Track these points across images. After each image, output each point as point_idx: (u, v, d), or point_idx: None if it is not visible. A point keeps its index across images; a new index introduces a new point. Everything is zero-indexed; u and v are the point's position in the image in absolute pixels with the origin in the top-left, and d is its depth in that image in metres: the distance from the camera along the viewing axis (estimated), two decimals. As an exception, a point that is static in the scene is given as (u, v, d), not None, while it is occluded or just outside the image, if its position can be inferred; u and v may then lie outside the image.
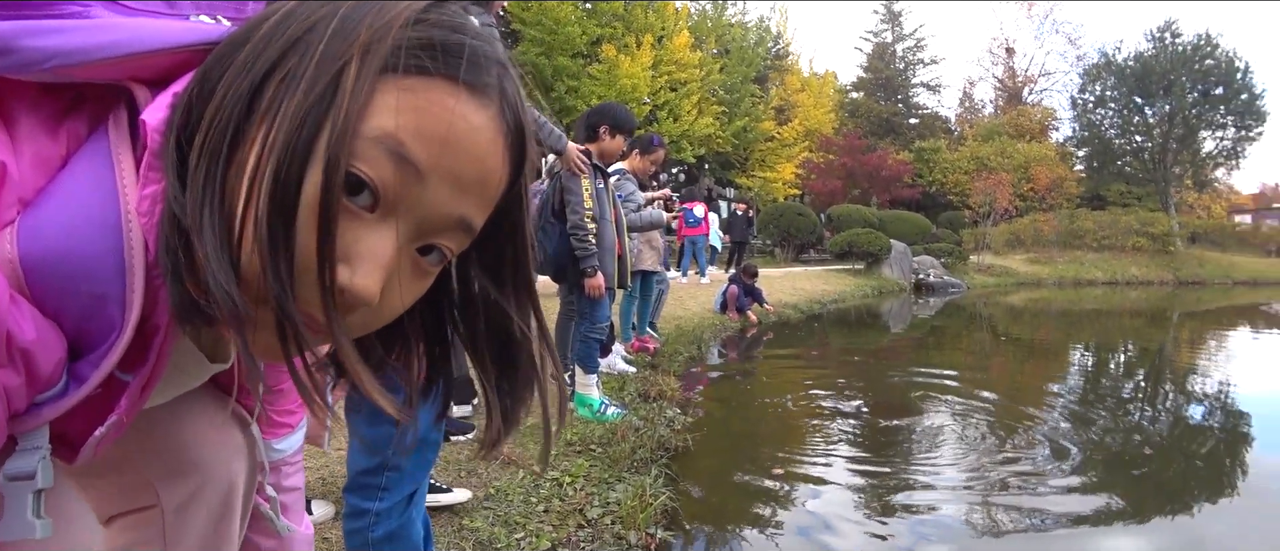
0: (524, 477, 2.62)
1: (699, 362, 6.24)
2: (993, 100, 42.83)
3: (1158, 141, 30.14)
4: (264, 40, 0.46)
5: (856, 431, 4.06)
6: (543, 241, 3.56)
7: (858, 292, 14.46)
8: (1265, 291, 19.37)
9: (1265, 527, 2.83)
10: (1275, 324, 11.19)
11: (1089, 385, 6.11)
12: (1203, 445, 4.12)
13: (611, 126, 3.74)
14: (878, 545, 2.54)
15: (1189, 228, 28.76)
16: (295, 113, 0.43)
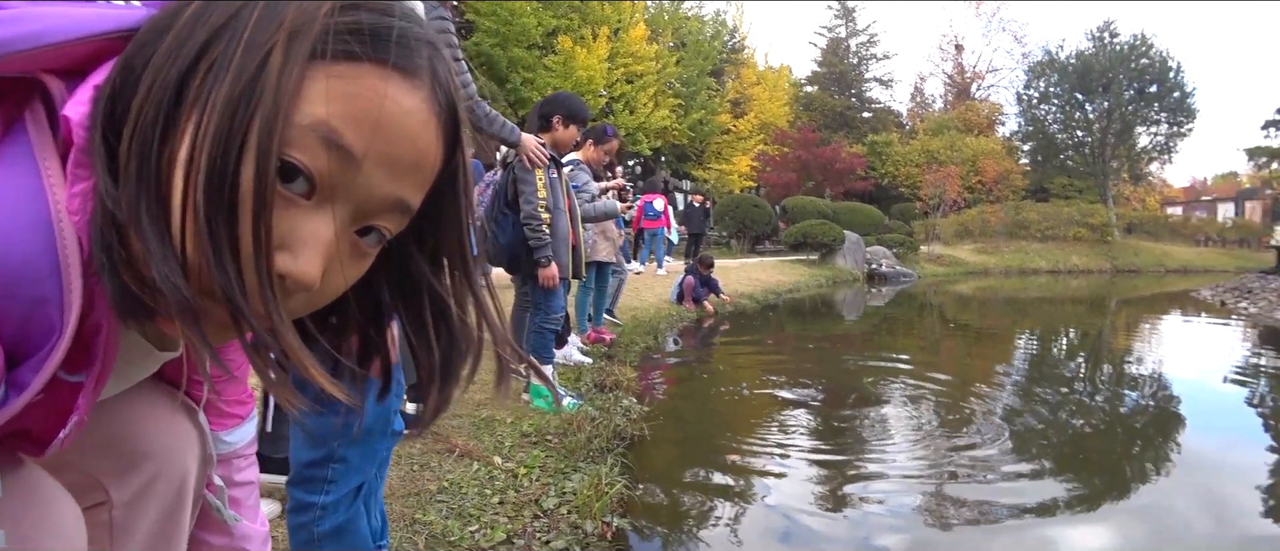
0: (478, 470, 2.58)
1: (656, 353, 6.24)
2: (943, 95, 43.79)
3: (1097, 136, 31.26)
4: (189, 26, 0.45)
5: (812, 419, 4.11)
6: (496, 232, 3.52)
7: (812, 283, 14.66)
8: (1194, 279, 20.27)
9: (1198, 498, 2.96)
10: (1203, 309, 11.70)
11: (1034, 369, 6.30)
12: (1139, 424, 4.28)
13: (565, 116, 3.71)
14: (833, 531, 2.57)
15: (1125, 219, 29.91)
16: (226, 102, 0.42)
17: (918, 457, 3.34)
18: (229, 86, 0.42)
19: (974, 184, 30.69)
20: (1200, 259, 26.48)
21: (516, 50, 18.82)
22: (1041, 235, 26.52)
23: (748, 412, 4.34)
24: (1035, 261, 24.57)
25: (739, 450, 3.46)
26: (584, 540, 2.12)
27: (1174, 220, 32.05)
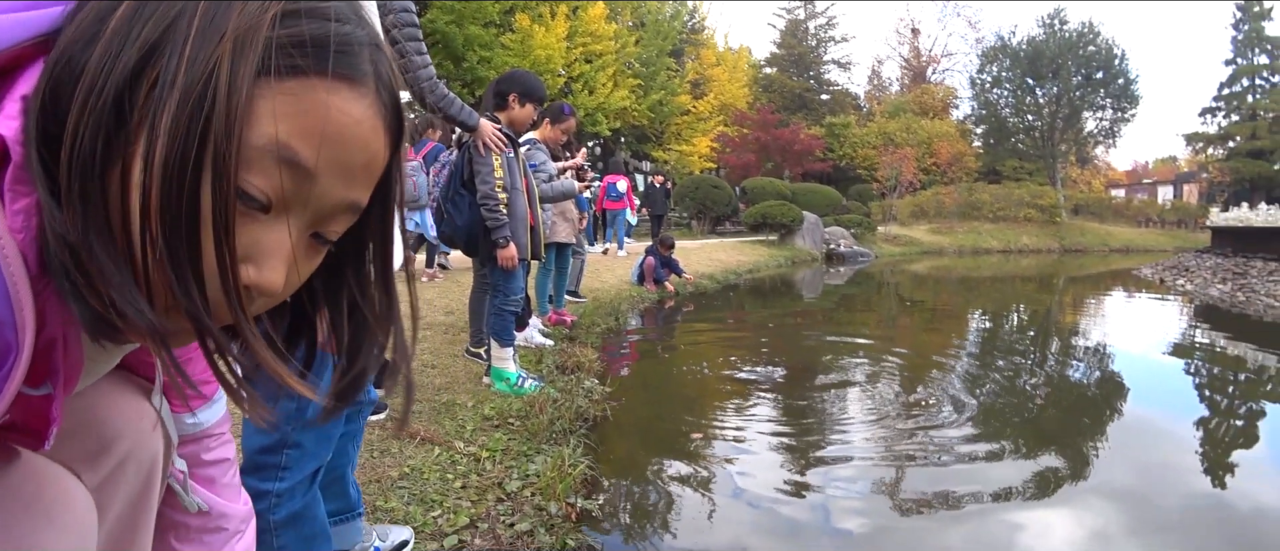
0: (440, 454, 2.54)
1: (617, 334, 6.23)
2: (899, 78, 44.35)
3: (1046, 120, 32.08)
4: (118, 39, 0.43)
5: (772, 398, 4.14)
6: (453, 212, 3.45)
7: (772, 263, 14.80)
8: (1136, 257, 21.02)
9: (1142, 467, 3.07)
10: (1145, 287, 12.15)
11: (988, 346, 6.46)
12: (1086, 397, 4.42)
13: (521, 94, 3.62)
14: (794, 512, 2.60)
15: (1073, 200, 30.79)
16: (174, 127, 0.42)
17: (876, 437, 3.40)
18: (176, 109, 0.42)
19: (929, 166, 31.26)
20: (1141, 239, 27.45)
21: (473, 28, 18.43)
22: (993, 216, 27.18)
23: (709, 392, 4.36)
24: (987, 241, 25.19)
25: (701, 430, 3.48)
26: (548, 521, 2.10)
27: (1117, 202, 33.11)
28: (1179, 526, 2.54)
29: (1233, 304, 9.47)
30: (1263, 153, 30.11)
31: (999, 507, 2.60)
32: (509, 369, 3.57)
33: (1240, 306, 9.22)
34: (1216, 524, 2.57)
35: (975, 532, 2.41)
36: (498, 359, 3.58)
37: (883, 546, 2.31)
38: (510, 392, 3.43)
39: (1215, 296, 10.27)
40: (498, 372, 3.57)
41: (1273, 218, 13.36)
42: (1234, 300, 9.76)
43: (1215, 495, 2.84)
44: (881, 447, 3.22)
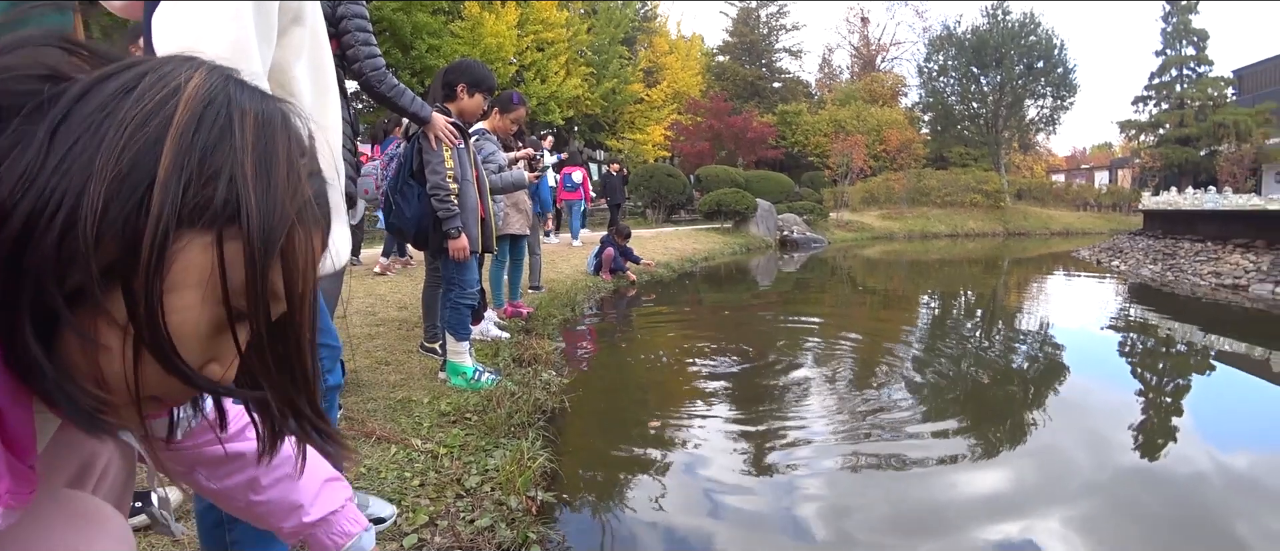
0: (396, 453, 2.51)
1: (574, 325, 6.22)
2: (849, 67, 45.05)
3: (991, 108, 32.89)
4: (21, 228, 0.45)
5: (730, 384, 4.19)
6: (401, 203, 3.38)
7: (727, 250, 14.92)
8: (1075, 240, 21.85)
9: (1081, 438, 3.22)
10: (1083, 267, 12.63)
11: (937, 327, 6.65)
12: (1029, 373, 4.59)
13: (470, 84, 3.55)
14: (753, 498, 2.65)
15: (1016, 186, 31.73)
16: (134, 312, 0.47)
17: (832, 421, 3.48)
18: (131, 305, 0.48)
19: (879, 152, 31.83)
20: (1080, 222, 28.49)
21: (421, 15, 18.02)
22: (941, 201, 27.88)
23: (668, 380, 4.39)
24: (936, 226, 25.83)
25: (660, 418, 3.51)
26: (509, 516, 2.09)
27: (1057, 187, 34.25)
28: (1111, 489, 2.68)
29: (1162, 283, 9.91)
30: (1190, 139, 31.46)
31: (950, 486, 2.69)
32: (465, 363, 3.54)
33: (1170, 285, 9.66)
34: (1146, 487, 2.72)
35: (928, 511, 2.49)
36: (453, 353, 3.54)
37: (840, 529, 2.36)
38: (467, 387, 3.39)
39: (1147, 276, 10.73)
40: (454, 367, 3.53)
41: (1198, 201, 14.00)
42: (1164, 279, 10.22)
43: (1143, 462, 3.03)
44: (837, 431, 3.29)
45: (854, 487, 2.68)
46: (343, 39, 2.75)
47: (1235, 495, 2.69)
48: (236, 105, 0.52)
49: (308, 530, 0.95)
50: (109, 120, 0.47)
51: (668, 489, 2.63)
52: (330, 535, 0.96)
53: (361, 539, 0.98)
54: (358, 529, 0.98)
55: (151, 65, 0.51)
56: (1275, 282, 8.52)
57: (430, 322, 4.19)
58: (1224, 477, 2.86)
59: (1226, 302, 7.97)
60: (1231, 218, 11.52)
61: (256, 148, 0.52)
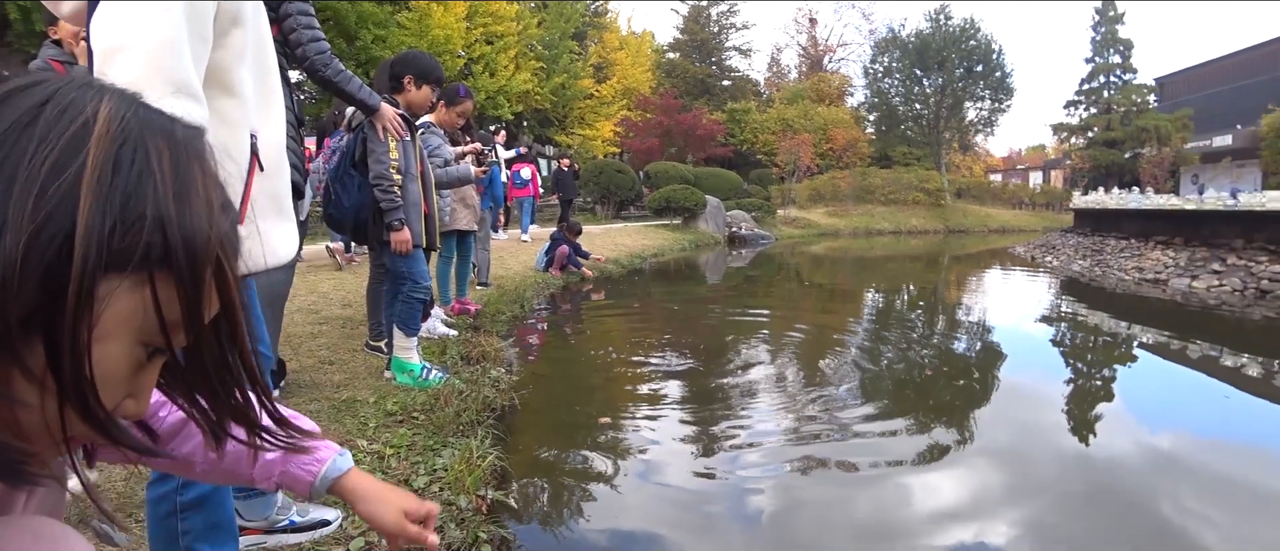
0: (340, 452, 2.45)
1: (523, 322, 6.17)
2: (797, 66, 45.65)
3: (933, 109, 33.90)
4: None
5: (680, 380, 4.22)
6: (340, 193, 3.28)
7: (676, 246, 15.00)
8: (1012, 237, 22.67)
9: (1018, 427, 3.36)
10: (1020, 264, 13.11)
11: (881, 322, 6.81)
12: (969, 365, 4.75)
13: (417, 76, 3.46)
14: (703, 495, 2.67)
15: (956, 185, 32.78)
16: (58, 363, 0.45)
17: (780, 416, 3.53)
18: (60, 359, 0.45)
19: (825, 151, 32.43)
20: (1016, 220, 29.57)
21: (366, 4, 17.56)
22: (885, 199, 28.60)
23: (618, 377, 4.39)
24: (880, 223, 26.48)
25: (611, 415, 3.51)
26: (459, 516, 2.07)
27: (995, 186, 35.49)
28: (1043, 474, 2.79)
29: (1091, 278, 10.36)
30: (1116, 142, 32.98)
31: (896, 477, 2.76)
32: (412, 360, 3.47)
33: (1098, 280, 10.10)
34: (1077, 472, 2.85)
35: (875, 504, 2.55)
36: (401, 349, 3.47)
37: (788, 524, 2.41)
38: (414, 385, 3.33)
39: (1077, 271, 11.21)
40: (400, 364, 3.45)
41: (1123, 201, 14.67)
42: (1092, 274, 10.68)
43: (1075, 446, 3.20)
44: (784, 425, 3.35)
45: (798, 481, 2.73)
46: (284, 24, 2.66)
47: (1157, 474, 2.84)
48: (150, 139, 0.50)
49: (279, 468, 0.93)
50: (14, 164, 0.44)
51: (619, 487, 2.64)
52: (303, 466, 0.93)
53: (335, 461, 0.95)
54: (330, 453, 0.95)
55: (48, 93, 0.48)
56: (1192, 277, 9.00)
57: (375, 320, 4.10)
58: (1147, 458, 3.02)
59: (1149, 296, 8.38)
60: (1153, 217, 12.11)
61: (176, 183, 0.50)
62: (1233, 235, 9.69)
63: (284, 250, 1.56)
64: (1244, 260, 8.94)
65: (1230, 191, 12.31)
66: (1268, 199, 10.09)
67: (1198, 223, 10.64)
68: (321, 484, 0.95)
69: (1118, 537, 2.30)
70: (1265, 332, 6.25)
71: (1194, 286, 8.70)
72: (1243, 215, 9.81)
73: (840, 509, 2.52)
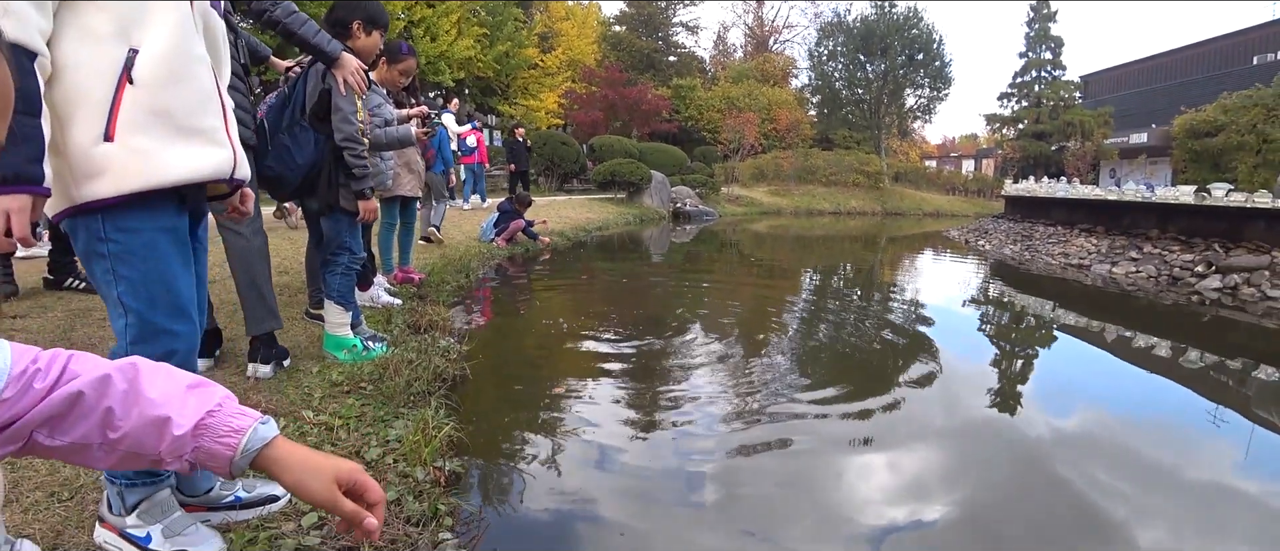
0: (286, 426, 2.34)
1: (469, 291, 6.05)
2: (743, 46, 45.82)
3: (874, 94, 34.58)
4: None
5: (628, 350, 4.21)
6: (290, 147, 2.98)
7: (621, 220, 14.95)
8: (945, 221, 23.45)
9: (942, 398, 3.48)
10: (951, 247, 13.56)
11: (820, 299, 6.94)
12: (901, 342, 4.87)
13: (366, 21, 3.14)
14: (649, 454, 2.67)
15: (894, 169, 33.61)
16: None
17: (723, 388, 3.57)
18: None
19: (769, 131, 32.77)
20: (949, 205, 30.55)
21: (302, -42, 16.76)
22: (826, 180, 29.12)
23: (567, 348, 4.35)
24: (820, 203, 26.98)
25: (562, 386, 3.48)
26: (416, 488, 2.00)
27: (930, 172, 36.54)
28: (970, 445, 2.90)
29: (1021, 261, 10.80)
30: (1044, 135, 34.33)
31: (833, 451, 2.82)
32: (348, 335, 3.32)
33: (1027, 264, 10.53)
34: (1004, 446, 2.96)
35: (811, 477, 2.59)
36: (336, 325, 3.29)
37: (732, 494, 2.43)
38: (355, 360, 3.20)
39: (1008, 255, 11.66)
40: (336, 341, 3.28)
41: (1052, 189, 15.31)
42: (1022, 258, 11.13)
43: (1003, 420, 3.35)
44: (726, 398, 3.38)
45: (741, 453, 2.76)
46: None
47: (1072, 448, 2.99)
48: None
49: (191, 444, 0.84)
50: None
51: (572, 458, 2.61)
52: (217, 439, 0.84)
53: (257, 430, 0.86)
54: (249, 421, 0.87)
55: None
56: (1112, 264, 9.46)
57: (315, 287, 3.93)
58: (1060, 434, 3.18)
59: (1072, 280, 8.78)
60: (1078, 205, 12.68)
61: None
62: (1150, 225, 10.23)
63: (181, 168, 1.47)
64: (1159, 249, 9.45)
65: (1146, 185, 12.99)
66: (1180, 193, 10.68)
67: (1119, 213, 11.19)
68: (243, 458, 0.86)
69: (1035, 505, 2.41)
70: (1175, 316, 6.63)
71: (1114, 272, 9.16)
72: (1158, 207, 10.36)
73: (780, 483, 2.56)
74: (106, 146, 1.38)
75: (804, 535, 2.12)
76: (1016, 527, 2.25)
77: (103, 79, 1.37)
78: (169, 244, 1.51)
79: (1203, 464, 2.95)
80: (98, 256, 1.46)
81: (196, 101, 1.51)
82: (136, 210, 1.45)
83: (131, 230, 1.45)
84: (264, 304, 2.92)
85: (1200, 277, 8.12)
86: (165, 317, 1.51)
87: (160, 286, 1.49)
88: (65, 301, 3.92)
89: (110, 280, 1.47)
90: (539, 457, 2.60)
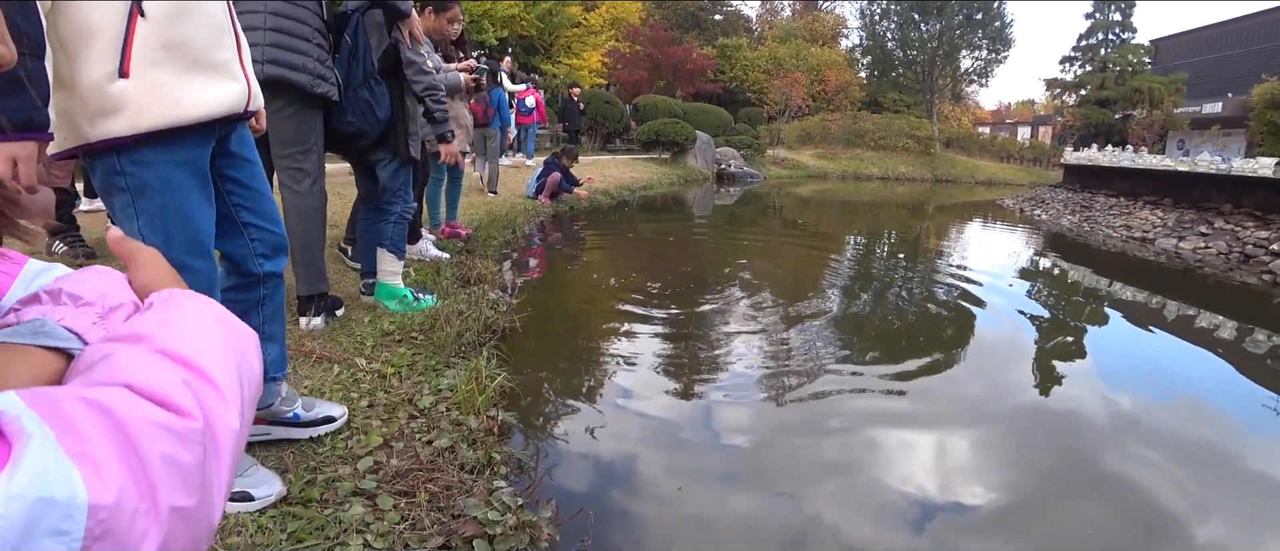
0: (340, 373, 2.36)
1: (515, 247, 6.05)
2: (791, 4, 44.66)
3: (928, 56, 33.45)
4: None
5: (669, 311, 4.17)
6: (371, 103, 2.97)
7: (665, 180, 14.82)
8: (998, 190, 22.72)
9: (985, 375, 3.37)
10: (1004, 216, 13.14)
11: (864, 265, 6.79)
12: (947, 314, 4.72)
13: None
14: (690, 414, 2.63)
15: (945, 134, 32.61)
16: None
17: (763, 348, 3.53)
18: None
19: (816, 92, 32.03)
20: (1002, 173, 29.59)
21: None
22: (874, 144, 28.41)
23: (612, 303, 4.31)
24: (868, 168, 26.36)
25: (610, 339, 3.46)
26: (469, 436, 2.00)
27: (983, 138, 35.36)
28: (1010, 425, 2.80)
29: (1078, 233, 10.42)
30: (1108, 102, 32.84)
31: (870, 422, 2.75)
32: (401, 285, 3.34)
33: (1085, 235, 10.16)
34: (1050, 428, 2.85)
35: (849, 446, 2.53)
36: (388, 273, 3.32)
37: (769, 458, 2.38)
38: (405, 311, 3.21)
39: (1065, 226, 11.25)
40: (389, 290, 3.31)
41: (1115, 158, 14.68)
42: (1080, 229, 10.74)
43: (1051, 400, 3.18)
44: (767, 364, 3.32)
45: (779, 419, 2.72)
46: None
47: (1119, 432, 2.86)
48: None
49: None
50: None
51: (623, 412, 2.59)
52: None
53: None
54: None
55: None
56: (1178, 238, 9.06)
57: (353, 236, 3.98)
58: (1111, 417, 3.04)
59: (1134, 255, 8.44)
60: (1144, 176, 12.13)
61: None
62: (1222, 199, 9.74)
63: (201, 103, 1.44)
64: (1231, 224, 9.00)
65: (1220, 157, 12.32)
66: (1259, 165, 10.12)
67: (1189, 185, 10.67)
68: None
69: (1077, 490, 2.30)
70: (1244, 296, 6.32)
71: (1180, 247, 8.77)
72: (1234, 180, 9.84)
73: (812, 446, 2.50)
74: (123, 83, 1.34)
75: (835, 502, 2.07)
76: (1060, 517, 2.14)
77: (113, 12, 1.32)
78: (187, 177, 1.48)
79: (1263, 456, 2.78)
80: (116, 190, 1.45)
81: (210, 33, 1.47)
82: (153, 144, 1.42)
83: (147, 163, 1.42)
84: (315, 266, 2.91)
85: (1275, 256, 7.72)
86: (183, 253, 1.48)
87: (178, 221, 1.47)
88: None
89: (130, 214, 1.45)
90: (587, 410, 2.59)
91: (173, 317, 0.51)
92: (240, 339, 0.54)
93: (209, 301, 0.56)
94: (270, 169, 2.86)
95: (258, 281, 1.72)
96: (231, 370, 0.48)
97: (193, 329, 0.50)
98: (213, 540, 0.43)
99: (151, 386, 0.41)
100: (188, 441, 0.39)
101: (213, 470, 0.42)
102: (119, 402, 0.37)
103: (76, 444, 0.34)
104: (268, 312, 1.77)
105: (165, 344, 0.46)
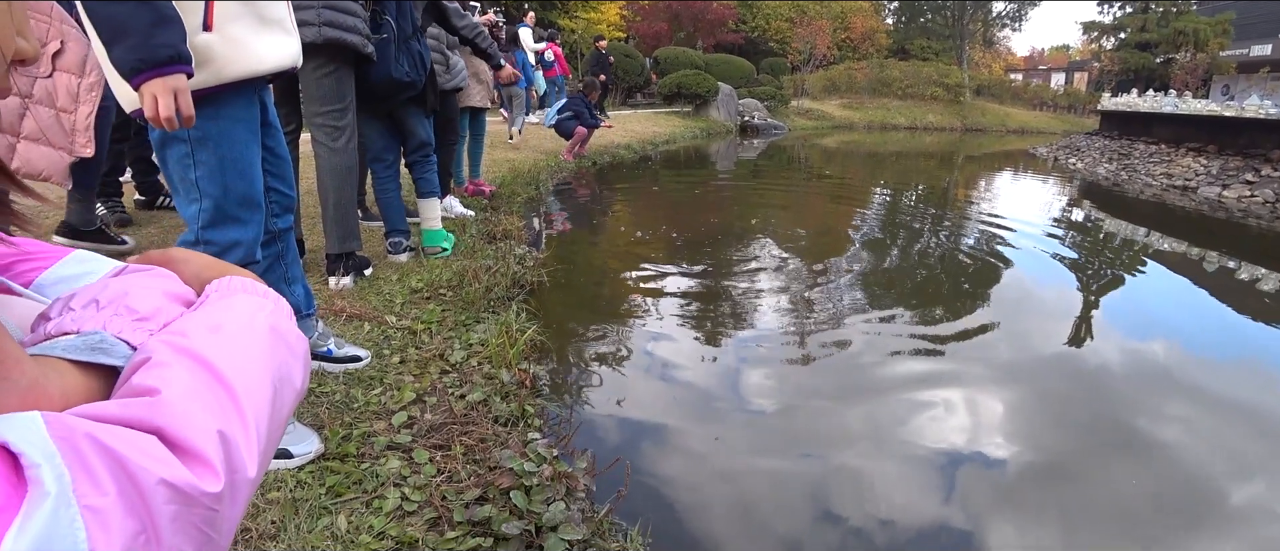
0: (370, 330, 2.35)
1: (539, 203, 6.01)
2: (816, -53, 43.31)
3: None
4: None
5: (695, 265, 4.13)
6: (422, 53, 3.05)
7: (687, 134, 14.61)
8: (1030, 138, 22.13)
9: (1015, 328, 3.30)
10: (1036, 166, 12.80)
11: (891, 217, 6.66)
12: (977, 266, 4.61)
13: None
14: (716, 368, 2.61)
15: (975, 81, 31.65)
16: None
17: (789, 302, 3.49)
18: None
19: (841, 40, 31.18)
20: (1035, 121, 28.75)
21: None
22: (902, 93, 27.65)
23: (638, 257, 4.28)
24: (895, 117, 25.74)
25: (636, 292, 3.44)
26: (502, 389, 1.99)
27: (1015, 85, 34.28)
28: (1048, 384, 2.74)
29: (1115, 182, 10.12)
30: (1149, 45, 31.54)
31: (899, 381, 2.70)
32: (440, 227, 3.47)
33: (1122, 184, 9.87)
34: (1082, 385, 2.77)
35: (875, 405, 2.48)
36: (431, 219, 3.44)
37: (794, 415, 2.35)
38: (448, 255, 3.30)
39: (1101, 175, 10.94)
40: (434, 235, 3.42)
41: (1157, 104, 14.16)
42: (1117, 178, 10.43)
43: (1083, 356, 3.09)
44: (794, 319, 3.28)
45: (805, 375, 2.69)
46: None
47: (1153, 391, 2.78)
48: None
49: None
50: None
51: (651, 365, 2.57)
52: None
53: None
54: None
55: None
56: (1222, 186, 8.77)
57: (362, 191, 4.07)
58: (1144, 373, 2.96)
59: (1175, 204, 8.19)
60: (1187, 122, 11.70)
61: None
62: (1270, 146, 9.36)
63: (270, 58, 1.52)
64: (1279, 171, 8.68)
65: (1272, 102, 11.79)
66: (1310, 107, 9.70)
67: (1236, 131, 10.27)
68: None
69: (1114, 449, 2.25)
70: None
71: (1224, 196, 8.49)
72: (1282, 123, 9.45)
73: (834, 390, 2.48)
74: (206, 36, 1.40)
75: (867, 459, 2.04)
76: (1097, 477, 2.08)
77: None
78: (245, 132, 1.54)
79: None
80: (176, 141, 1.47)
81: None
82: (217, 98, 1.46)
83: (211, 117, 1.46)
84: (347, 224, 2.91)
85: (1324, 201, 7.44)
86: (236, 206, 1.53)
87: (235, 173, 1.51)
88: (157, 219, 3.99)
89: (188, 164, 1.48)
90: (616, 363, 2.57)
91: (224, 322, 0.51)
92: (289, 348, 0.54)
93: (264, 302, 0.56)
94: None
95: (276, 237, 1.78)
96: (266, 396, 0.48)
97: (240, 340, 0.50)
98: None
99: (185, 437, 0.40)
100: (205, 504, 0.40)
101: (225, 519, 0.42)
102: (142, 459, 0.37)
103: (90, 492, 0.34)
104: (289, 259, 1.83)
105: (209, 355, 0.46)
